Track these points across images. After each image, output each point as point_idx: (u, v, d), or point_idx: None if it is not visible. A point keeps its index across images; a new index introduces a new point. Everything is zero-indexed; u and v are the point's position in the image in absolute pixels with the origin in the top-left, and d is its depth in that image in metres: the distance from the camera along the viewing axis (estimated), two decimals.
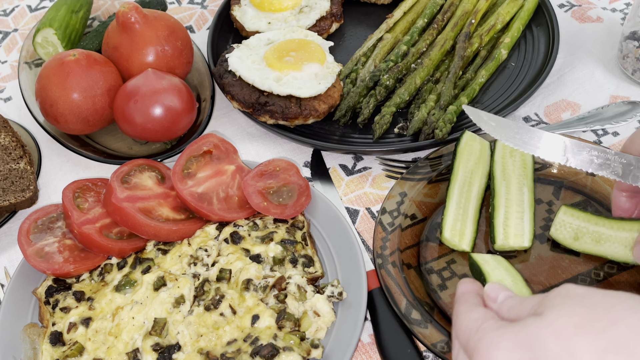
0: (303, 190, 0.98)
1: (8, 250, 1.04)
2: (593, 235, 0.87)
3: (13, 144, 1.09)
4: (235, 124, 1.18)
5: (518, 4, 1.23)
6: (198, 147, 1.03)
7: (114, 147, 1.15)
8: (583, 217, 0.87)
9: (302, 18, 1.25)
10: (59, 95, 1.05)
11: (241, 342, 0.82)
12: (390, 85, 1.13)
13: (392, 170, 1.07)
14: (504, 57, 1.17)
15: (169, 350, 0.82)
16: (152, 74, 1.06)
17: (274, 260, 0.91)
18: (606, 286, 0.87)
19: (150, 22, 1.10)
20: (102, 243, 0.92)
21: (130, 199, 0.94)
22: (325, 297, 0.87)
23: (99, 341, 0.85)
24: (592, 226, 0.87)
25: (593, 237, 0.86)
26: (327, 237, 0.95)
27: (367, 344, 0.88)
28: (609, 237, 0.86)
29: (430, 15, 1.25)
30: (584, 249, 0.87)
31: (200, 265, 0.91)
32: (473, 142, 0.98)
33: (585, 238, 0.87)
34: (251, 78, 1.09)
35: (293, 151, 1.13)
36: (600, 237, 0.86)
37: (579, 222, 0.87)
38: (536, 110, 1.14)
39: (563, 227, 0.88)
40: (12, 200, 1.02)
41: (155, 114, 1.04)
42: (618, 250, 0.85)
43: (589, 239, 0.87)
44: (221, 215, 0.95)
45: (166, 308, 0.86)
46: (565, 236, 0.88)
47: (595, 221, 0.87)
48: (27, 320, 0.90)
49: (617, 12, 1.30)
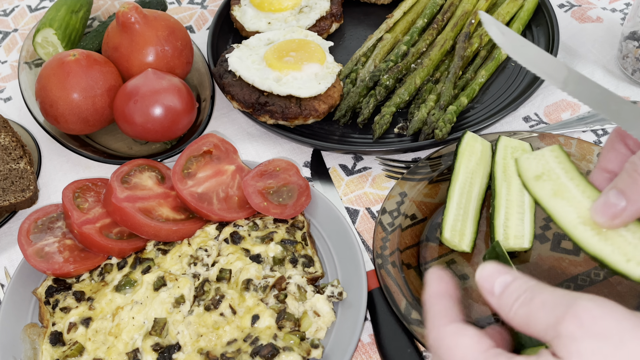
0: (303, 190, 0.98)
1: (8, 250, 1.04)
2: (556, 185, 0.68)
3: (13, 144, 1.09)
4: (235, 124, 1.18)
5: (518, 4, 1.23)
6: (198, 147, 1.03)
7: (114, 147, 1.15)
8: (564, 166, 0.69)
9: (302, 18, 1.25)
10: (59, 96, 1.05)
11: (241, 342, 0.82)
12: (390, 85, 1.13)
13: (392, 170, 1.07)
14: (503, 57, 1.17)
15: (169, 350, 0.82)
16: (152, 74, 1.06)
17: (274, 260, 0.91)
18: (606, 287, 0.87)
19: (150, 22, 1.10)
20: (102, 243, 0.92)
21: (130, 199, 0.94)
22: (325, 297, 0.87)
23: (99, 341, 0.85)
24: (564, 178, 0.68)
25: (554, 187, 0.67)
26: (327, 237, 0.95)
27: (367, 344, 0.88)
28: (569, 196, 0.66)
29: (430, 15, 1.25)
30: (535, 193, 0.68)
31: (200, 265, 0.91)
32: (474, 142, 0.98)
33: (545, 184, 0.68)
34: (251, 78, 1.09)
35: (293, 151, 1.13)
36: (560, 190, 0.67)
37: (555, 166, 0.69)
38: (536, 110, 1.14)
39: (535, 160, 0.70)
40: (12, 200, 1.02)
41: (155, 114, 1.04)
42: (568, 212, 0.65)
43: (549, 186, 0.68)
44: (221, 215, 0.95)
45: (166, 308, 0.86)
46: (529, 168, 0.70)
47: (572, 175, 0.68)
48: (27, 320, 0.90)
49: (617, 12, 1.30)
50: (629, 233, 0.57)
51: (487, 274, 0.55)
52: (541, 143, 1.01)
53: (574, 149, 1.00)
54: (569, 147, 1.00)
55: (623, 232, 0.58)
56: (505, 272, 0.55)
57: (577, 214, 0.61)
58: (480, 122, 1.07)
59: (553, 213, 0.62)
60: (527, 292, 0.53)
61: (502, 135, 0.99)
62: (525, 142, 0.98)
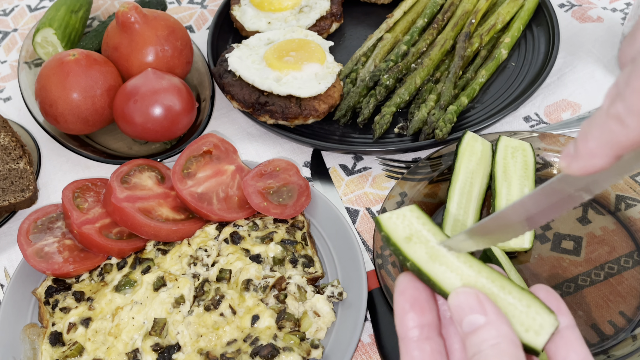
0: (303, 190, 0.98)
1: (8, 251, 1.03)
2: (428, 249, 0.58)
3: (13, 144, 1.09)
4: (235, 124, 1.18)
5: (518, 3, 1.23)
6: (198, 147, 1.02)
7: (114, 147, 1.14)
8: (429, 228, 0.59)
9: (302, 18, 1.25)
10: (59, 95, 1.05)
11: (241, 343, 0.82)
12: (390, 85, 1.13)
13: (392, 170, 1.07)
14: (504, 57, 1.17)
15: (168, 351, 0.82)
16: (152, 74, 1.06)
17: (274, 261, 0.91)
18: (607, 287, 0.87)
19: (150, 22, 1.10)
20: (102, 243, 0.92)
21: (130, 199, 0.94)
22: (325, 297, 0.87)
23: (98, 341, 0.85)
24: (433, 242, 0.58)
25: (427, 251, 0.58)
26: (327, 237, 0.95)
27: (367, 344, 0.88)
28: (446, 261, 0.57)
29: (430, 15, 1.25)
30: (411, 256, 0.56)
31: (200, 266, 0.91)
32: (474, 142, 0.98)
33: (417, 247, 0.58)
34: (251, 78, 1.09)
35: (293, 151, 1.13)
36: (435, 254, 0.57)
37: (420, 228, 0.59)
38: (536, 110, 1.14)
39: (399, 220, 0.60)
40: (12, 200, 1.02)
41: (155, 114, 1.04)
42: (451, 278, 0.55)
43: (422, 250, 0.57)
44: (221, 215, 0.95)
45: (166, 308, 0.86)
46: (395, 229, 0.59)
47: (440, 239, 0.58)
48: (27, 320, 0.90)
49: (617, 12, 1.29)
50: (516, 301, 0.53)
51: (459, 305, 0.50)
52: (541, 143, 1.01)
53: None
54: None
55: (511, 301, 0.53)
56: (478, 310, 0.49)
57: (462, 280, 0.54)
58: (480, 122, 1.07)
59: (436, 279, 0.54)
60: (492, 351, 0.47)
61: (503, 135, 0.99)
62: (526, 142, 0.98)
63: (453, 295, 0.50)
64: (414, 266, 0.55)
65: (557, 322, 0.51)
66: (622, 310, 0.85)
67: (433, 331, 0.51)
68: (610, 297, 0.86)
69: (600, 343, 0.83)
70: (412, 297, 0.52)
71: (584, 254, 0.91)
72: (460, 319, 0.49)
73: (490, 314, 0.49)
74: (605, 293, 0.87)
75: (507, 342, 0.47)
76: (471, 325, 0.48)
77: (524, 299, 0.52)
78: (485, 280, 0.54)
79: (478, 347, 0.47)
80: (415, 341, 0.50)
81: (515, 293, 0.53)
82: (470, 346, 0.48)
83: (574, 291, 0.87)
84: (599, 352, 0.81)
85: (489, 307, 0.49)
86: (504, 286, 0.53)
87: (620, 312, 0.85)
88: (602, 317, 0.85)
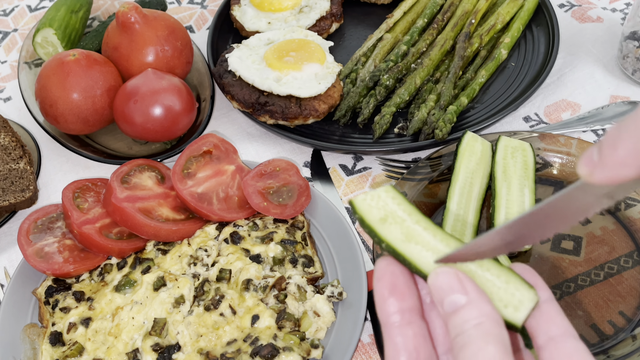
0: (303, 190, 0.98)
1: (8, 251, 1.03)
2: (404, 229, 0.57)
3: (13, 144, 1.09)
4: (235, 124, 1.18)
5: (518, 4, 1.23)
6: (198, 147, 1.02)
7: (114, 147, 1.15)
8: (404, 208, 0.58)
9: (302, 18, 1.25)
10: (59, 95, 1.05)
11: (241, 342, 0.82)
12: (390, 85, 1.13)
13: (392, 170, 1.07)
14: (504, 57, 1.17)
15: (168, 351, 0.82)
16: (152, 74, 1.06)
17: (274, 261, 0.91)
18: (607, 287, 0.87)
19: (150, 22, 1.10)
20: (102, 243, 0.92)
21: (130, 199, 0.94)
22: (325, 297, 0.87)
23: (98, 341, 0.85)
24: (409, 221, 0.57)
25: (403, 231, 0.57)
26: (327, 237, 0.95)
27: (367, 344, 0.88)
28: (422, 240, 0.56)
29: (430, 15, 1.25)
30: (385, 237, 0.56)
31: (200, 266, 0.91)
32: (474, 142, 0.98)
33: (392, 227, 0.57)
34: (251, 78, 1.09)
35: (293, 151, 1.13)
36: (411, 234, 0.57)
37: (395, 209, 0.58)
38: (536, 110, 1.14)
39: (374, 202, 0.58)
40: (12, 200, 1.02)
41: (155, 114, 1.04)
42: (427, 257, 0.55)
43: (397, 230, 0.57)
44: (221, 215, 0.95)
45: (166, 308, 0.86)
46: (370, 211, 0.58)
47: (417, 218, 0.57)
48: (27, 320, 0.90)
49: (617, 12, 1.29)
50: (494, 277, 0.52)
51: (440, 285, 0.48)
52: (541, 143, 1.01)
53: (574, 149, 1.00)
54: (569, 147, 1.00)
55: (489, 277, 0.52)
56: (459, 289, 0.48)
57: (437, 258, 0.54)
58: (480, 122, 1.07)
59: (411, 259, 0.53)
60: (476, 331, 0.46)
61: (502, 135, 0.99)
62: (526, 142, 0.98)
63: (432, 275, 0.49)
64: (389, 247, 0.54)
65: (537, 297, 0.50)
66: (622, 310, 0.85)
67: (415, 315, 0.50)
68: (610, 297, 0.86)
69: (600, 343, 0.83)
70: (391, 282, 0.51)
71: (584, 254, 0.91)
72: (441, 299, 0.48)
73: (471, 293, 0.47)
74: (605, 293, 0.87)
75: (490, 320, 0.46)
76: (452, 306, 0.47)
77: (503, 275, 0.52)
78: None
79: (461, 328, 0.46)
80: (397, 327, 0.49)
81: (494, 269, 0.52)
82: (453, 327, 0.47)
83: (574, 291, 0.87)
84: (598, 352, 0.82)
85: (469, 286, 0.48)
86: (482, 263, 0.53)
87: (620, 312, 0.85)
88: (601, 317, 0.85)
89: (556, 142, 1.01)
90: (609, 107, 1.11)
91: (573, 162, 1.00)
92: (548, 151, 1.00)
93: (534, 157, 0.97)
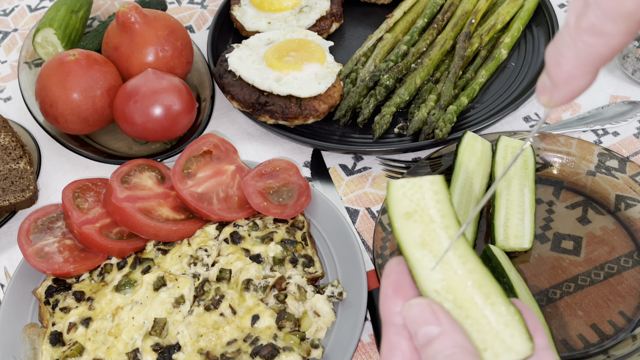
0: (303, 190, 0.98)
1: (8, 250, 1.03)
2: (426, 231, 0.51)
3: (13, 144, 1.09)
4: (235, 124, 1.18)
5: (518, 3, 1.23)
6: (198, 147, 1.02)
7: (114, 147, 1.15)
8: (442, 207, 0.51)
9: (302, 18, 1.25)
10: (59, 95, 1.05)
11: (241, 342, 0.82)
12: (390, 85, 1.13)
13: (392, 170, 1.07)
14: (504, 57, 1.17)
15: (168, 351, 0.82)
16: (152, 74, 1.06)
17: (274, 260, 0.91)
18: (607, 287, 0.87)
19: (150, 22, 1.10)
20: (102, 243, 0.92)
21: (130, 199, 0.94)
22: (325, 297, 0.87)
23: (98, 341, 0.85)
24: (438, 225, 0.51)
25: (423, 234, 0.51)
26: (327, 237, 0.95)
27: (367, 344, 0.88)
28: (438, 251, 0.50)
29: (430, 15, 1.25)
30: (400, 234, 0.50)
31: (200, 265, 0.91)
32: (474, 142, 0.98)
33: (415, 226, 0.51)
34: (251, 78, 1.09)
35: (293, 151, 1.13)
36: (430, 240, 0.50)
37: (430, 205, 0.51)
38: (536, 110, 1.14)
39: (411, 191, 0.51)
40: (12, 200, 1.02)
41: (155, 114, 1.04)
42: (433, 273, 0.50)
43: (418, 231, 0.50)
44: (221, 215, 0.95)
45: (166, 308, 0.86)
46: (401, 200, 0.51)
47: (448, 223, 0.51)
48: (27, 320, 0.90)
49: None
50: (494, 315, 0.47)
51: (413, 317, 0.46)
52: (541, 143, 1.01)
53: (574, 149, 1.00)
54: (569, 147, 1.00)
55: (488, 313, 0.47)
56: (433, 321, 0.46)
57: (443, 276, 0.48)
58: (480, 122, 1.07)
59: (414, 266, 0.48)
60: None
61: (503, 135, 0.99)
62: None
63: (406, 307, 0.47)
64: (399, 245, 0.49)
65: (530, 353, 0.46)
66: (622, 310, 0.85)
67: None
68: (610, 297, 0.86)
69: (600, 343, 0.83)
70: (396, 281, 0.49)
71: (584, 254, 0.91)
72: (415, 331, 0.46)
73: (444, 324, 0.46)
74: (605, 293, 0.87)
75: (463, 351, 0.44)
76: (426, 337, 0.46)
77: (505, 317, 0.47)
78: (471, 283, 0.48)
79: (433, 359, 0.45)
80: (397, 326, 0.48)
81: (499, 307, 0.47)
82: (426, 358, 0.45)
83: (574, 291, 0.87)
84: (598, 352, 0.82)
85: (443, 317, 0.46)
86: (489, 295, 0.48)
87: (620, 312, 0.85)
88: (602, 317, 0.85)
89: (556, 142, 1.01)
90: (609, 107, 1.11)
91: (573, 162, 1.00)
92: (548, 151, 1.00)
93: (534, 157, 0.97)
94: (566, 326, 0.84)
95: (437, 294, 0.48)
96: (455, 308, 0.48)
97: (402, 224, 0.50)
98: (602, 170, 0.98)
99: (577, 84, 0.43)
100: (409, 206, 0.50)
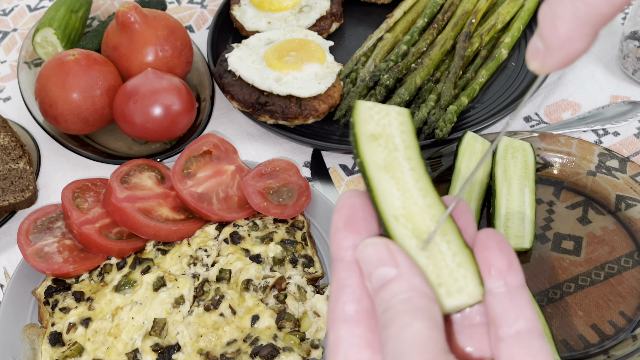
0: (303, 190, 0.98)
1: (7, 251, 1.03)
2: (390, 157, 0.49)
3: (12, 144, 1.09)
4: (235, 124, 1.18)
5: (518, 3, 1.23)
6: (198, 147, 1.02)
7: (114, 147, 1.14)
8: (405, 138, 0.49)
9: (302, 18, 1.25)
10: (59, 95, 1.05)
11: (241, 343, 0.82)
12: (390, 85, 1.13)
13: None
14: (504, 57, 1.17)
15: (168, 351, 0.82)
16: (152, 73, 1.06)
17: (274, 261, 0.91)
18: (607, 287, 0.87)
19: (149, 22, 1.10)
20: (102, 243, 0.92)
21: (129, 199, 0.94)
22: (326, 297, 0.87)
23: (98, 341, 0.85)
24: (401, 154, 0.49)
25: (387, 158, 0.48)
26: (327, 237, 0.95)
27: None
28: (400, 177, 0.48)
29: (430, 15, 1.25)
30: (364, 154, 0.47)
31: (200, 266, 0.91)
32: (475, 142, 0.98)
33: (379, 149, 0.48)
34: (251, 78, 1.08)
35: (293, 151, 1.12)
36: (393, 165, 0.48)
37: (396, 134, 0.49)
38: (536, 110, 1.14)
39: (378, 115, 0.50)
40: (12, 200, 1.02)
41: (154, 114, 1.04)
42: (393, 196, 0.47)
43: (382, 154, 0.48)
44: (221, 215, 0.95)
45: (166, 308, 0.86)
46: (368, 121, 0.49)
47: (410, 155, 0.49)
48: (27, 320, 0.90)
49: None
50: (450, 253, 0.45)
51: (368, 257, 0.42)
52: (542, 143, 1.01)
53: (575, 149, 1.00)
54: (570, 147, 1.00)
55: (444, 249, 0.45)
56: (390, 262, 0.42)
57: (403, 204, 0.46)
58: (480, 122, 1.07)
59: (376, 189, 0.46)
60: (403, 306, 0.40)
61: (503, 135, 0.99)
62: (526, 142, 0.98)
63: (361, 247, 0.43)
64: (362, 166, 0.47)
65: (480, 298, 0.44)
66: (622, 310, 0.85)
67: None
68: (610, 297, 0.86)
69: (600, 343, 0.82)
70: (348, 214, 0.45)
71: (584, 254, 0.90)
72: (369, 273, 0.42)
73: (402, 266, 0.42)
74: (605, 293, 0.87)
75: (420, 295, 0.41)
76: (381, 279, 0.42)
77: (459, 256, 0.45)
78: (428, 218, 0.46)
79: (387, 303, 0.41)
80: (347, 262, 0.44)
81: (454, 246, 0.45)
82: (380, 302, 0.41)
83: (574, 291, 0.87)
84: (599, 352, 0.81)
85: (400, 258, 0.42)
86: (445, 232, 0.46)
87: (620, 312, 0.85)
88: (602, 317, 0.85)
89: (556, 142, 1.00)
90: (609, 107, 1.11)
91: (574, 162, 0.99)
92: (548, 151, 1.00)
93: (534, 157, 0.97)
94: (566, 326, 0.84)
95: (397, 221, 0.46)
96: (413, 238, 0.46)
97: (367, 144, 0.48)
98: (602, 170, 0.98)
99: (573, 48, 0.40)
100: (375, 129, 0.49)
